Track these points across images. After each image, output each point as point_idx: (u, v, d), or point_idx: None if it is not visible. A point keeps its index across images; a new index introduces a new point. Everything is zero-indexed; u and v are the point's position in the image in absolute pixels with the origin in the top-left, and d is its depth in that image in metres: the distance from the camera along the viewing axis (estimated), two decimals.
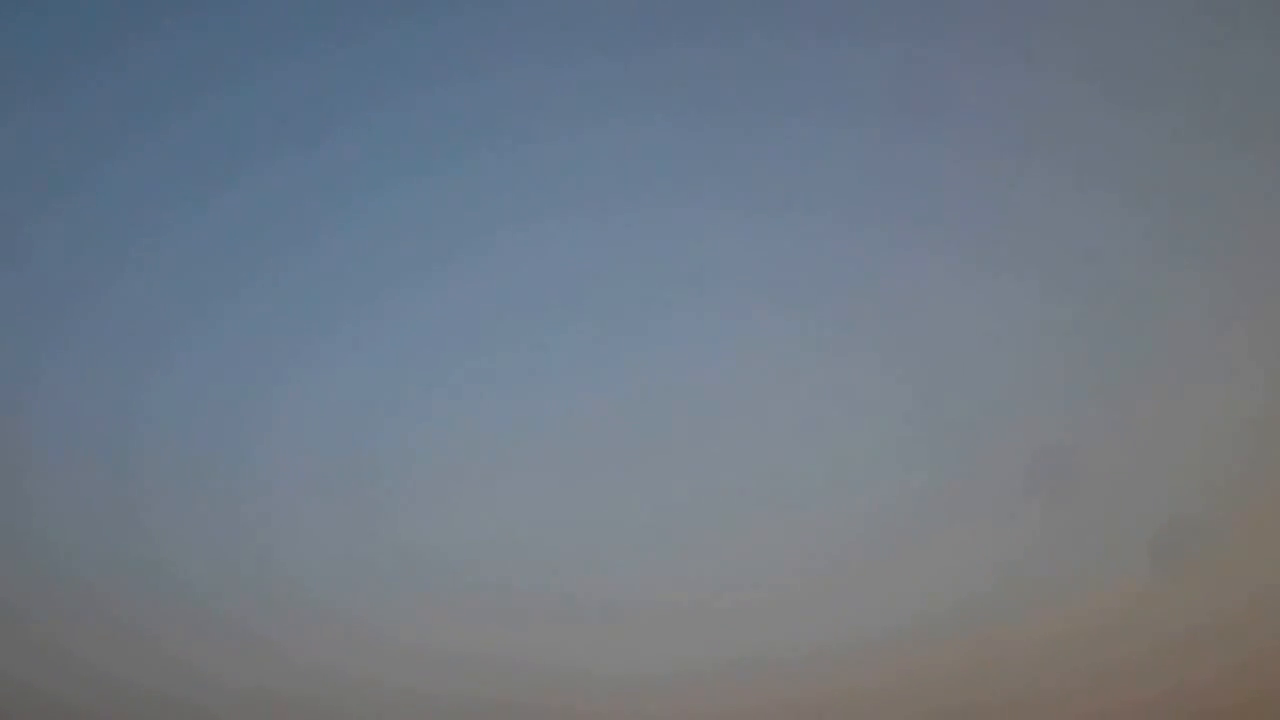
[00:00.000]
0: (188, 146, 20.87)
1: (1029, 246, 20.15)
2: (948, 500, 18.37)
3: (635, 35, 20.89)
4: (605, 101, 20.79)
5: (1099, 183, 19.85)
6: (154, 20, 21.10)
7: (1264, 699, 16.90)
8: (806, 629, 17.68)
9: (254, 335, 20.18)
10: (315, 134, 20.91)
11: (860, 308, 19.90)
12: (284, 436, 19.31)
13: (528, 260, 20.64)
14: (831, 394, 19.34)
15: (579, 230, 20.59)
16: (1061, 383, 19.35)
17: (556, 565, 18.38)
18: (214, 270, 20.47)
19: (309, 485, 19.02)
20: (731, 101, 20.58)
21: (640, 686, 17.62)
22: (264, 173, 20.74)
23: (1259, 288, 18.91)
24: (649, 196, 20.57)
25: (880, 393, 19.23)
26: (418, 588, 18.46)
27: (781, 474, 18.85)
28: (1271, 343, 18.52)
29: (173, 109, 20.94)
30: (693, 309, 20.05)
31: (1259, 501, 17.66)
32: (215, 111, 20.88)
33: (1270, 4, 19.38)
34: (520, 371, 19.98)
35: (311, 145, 20.94)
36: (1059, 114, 20.41)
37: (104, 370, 19.82)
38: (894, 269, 20.05)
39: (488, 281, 20.57)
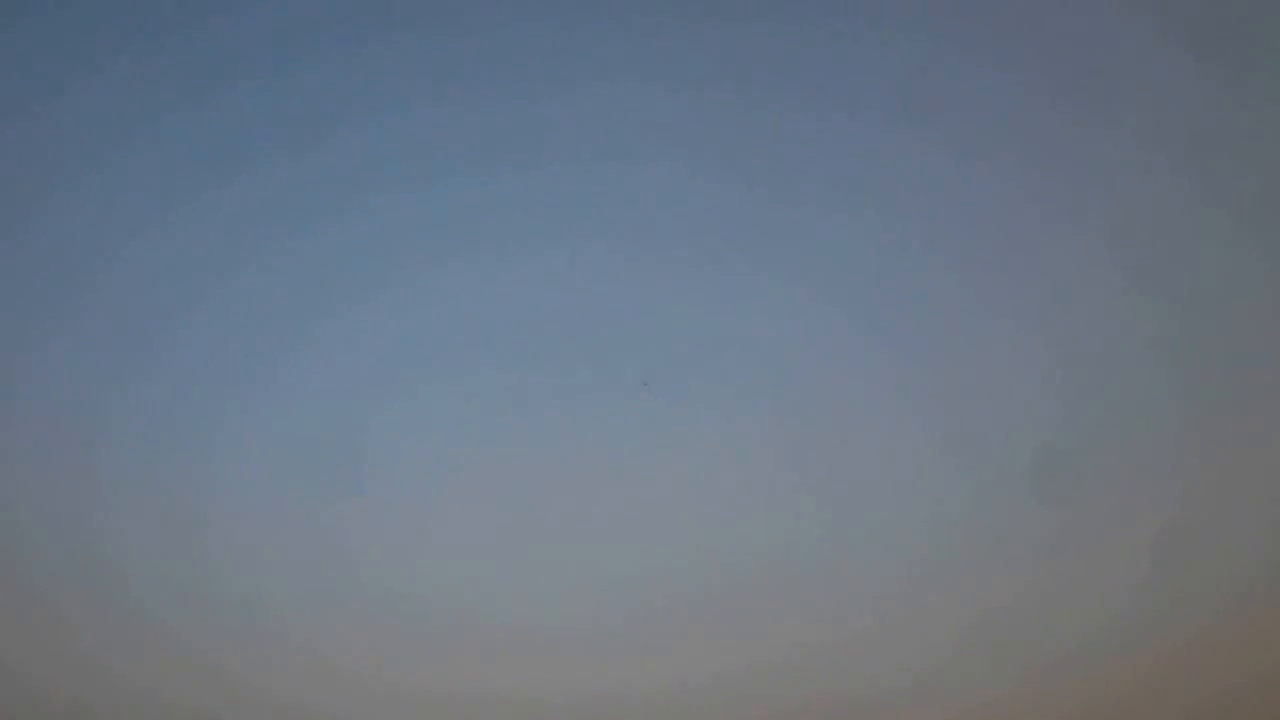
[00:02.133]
0: (161, 160, 20.82)
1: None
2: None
3: (595, 73, 20.94)
4: (562, 139, 20.76)
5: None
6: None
7: None
8: (767, 660, 17.41)
9: (212, 360, 19.89)
10: (288, 153, 20.77)
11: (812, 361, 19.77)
12: (244, 460, 18.97)
13: (500, 291, 20.37)
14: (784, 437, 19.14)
15: (555, 265, 20.38)
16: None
17: (515, 600, 18.07)
18: (170, 293, 20.19)
19: (268, 510, 18.67)
20: (705, 148, 20.58)
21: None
22: (236, 185, 20.59)
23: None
24: (629, 236, 20.51)
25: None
26: (374, 619, 18.05)
27: (742, 510, 18.62)
28: None
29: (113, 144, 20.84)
30: (662, 352, 19.80)
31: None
32: (174, 132, 20.78)
33: None
34: (488, 404, 19.64)
35: (286, 161, 20.81)
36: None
37: (71, 380, 19.59)
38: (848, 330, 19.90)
39: (457, 311, 20.31)
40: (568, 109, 20.37)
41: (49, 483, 18.51)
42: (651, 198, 20.05)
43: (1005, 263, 19.06)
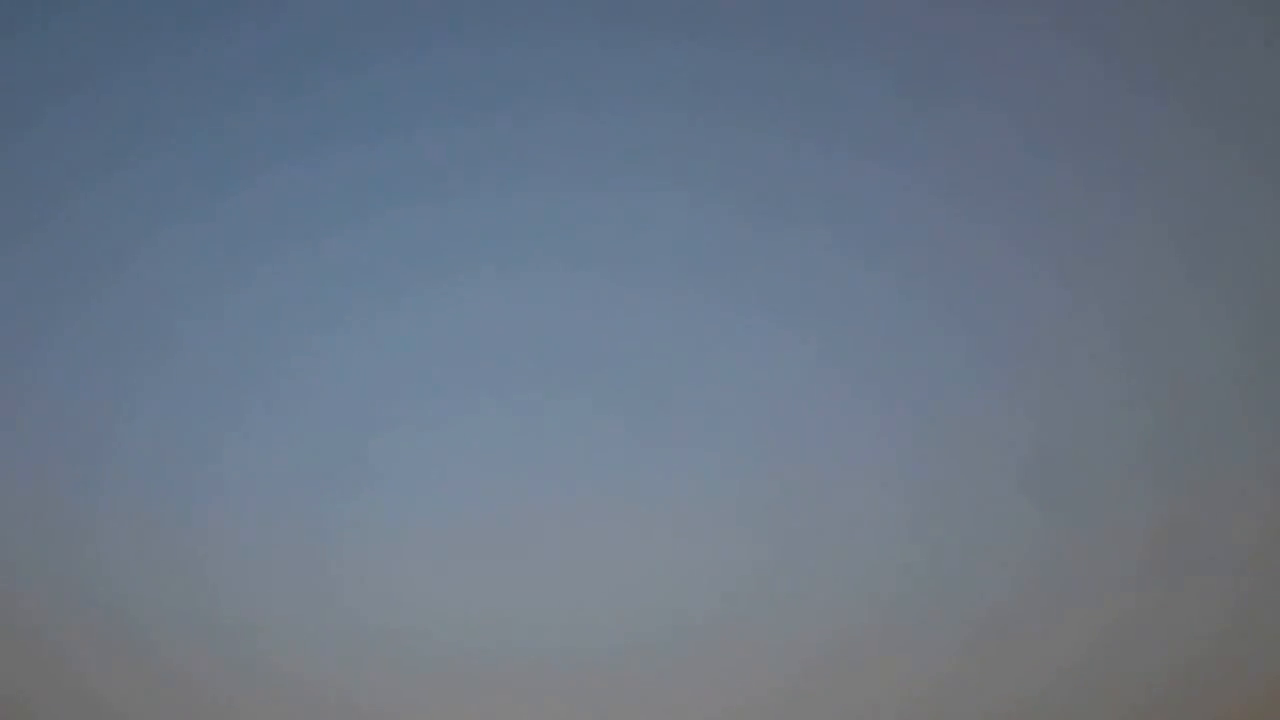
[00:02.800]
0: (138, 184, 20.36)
1: None
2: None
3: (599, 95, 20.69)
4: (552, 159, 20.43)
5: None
6: None
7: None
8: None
9: (210, 378, 19.55)
10: (291, 166, 20.38)
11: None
12: (235, 491, 18.60)
13: (505, 323, 19.94)
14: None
15: (555, 291, 20.03)
16: None
17: (503, 642, 17.77)
18: (169, 306, 19.78)
19: (257, 542, 18.31)
20: (709, 174, 20.27)
21: None
22: (235, 199, 20.20)
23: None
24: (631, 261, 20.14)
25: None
26: (361, 658, 17.70)
27: (728, 547, 18.35)
28: None
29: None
30: (659, 383, 19.44)
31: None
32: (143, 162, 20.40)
33: None
34: (482, 443, 19.27)
35: (290, 173, 20.41)
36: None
37: (68, 393, 19.18)
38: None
39: (452, 342, 19.90)
40: (564, 130, 20.12)
41: (42, 498, 18.18)
42: (650, 223, 19.81)
43: (992, 304, 18.88)
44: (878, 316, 18.97)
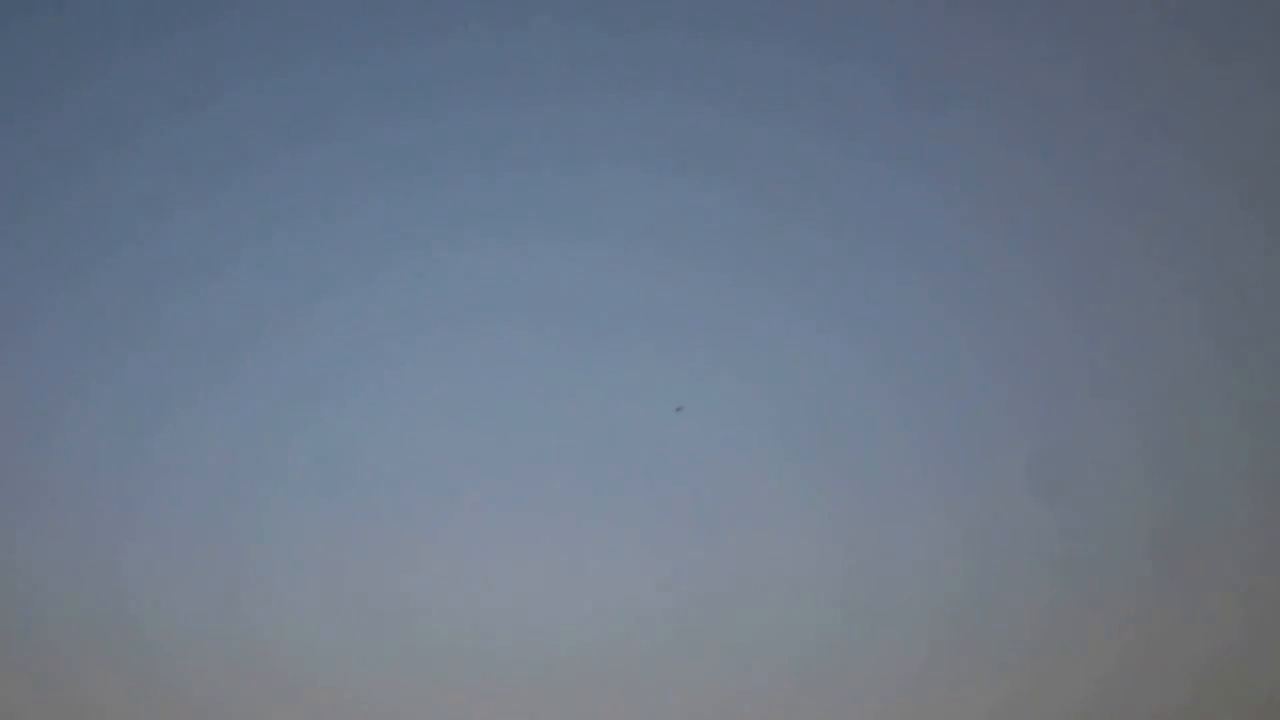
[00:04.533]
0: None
1: None
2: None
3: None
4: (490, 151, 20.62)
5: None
6: None
7: None
8: None
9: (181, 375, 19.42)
10: (279, 154, 20.61)
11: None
12: (149, 508, 18.60)
13: (491, 283, 19.83)
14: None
15: (545, 263, 19.99)
16: None
17: (487, 657, 17.37)
18: (155, 288, 19.76)
19: (170, 559, 18.31)
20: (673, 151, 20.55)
21: None
22: (158, 233, 20.30)
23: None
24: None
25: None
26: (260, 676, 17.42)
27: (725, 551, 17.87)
28: None
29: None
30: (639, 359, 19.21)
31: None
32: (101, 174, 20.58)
33: None
34: (485, 447, 18.97)
35: (278, 162, 20.67)
36: None
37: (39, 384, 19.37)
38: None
39: (452, 299, 19.77)
40: (566, 116, 20.21)
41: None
42: (646, 202, 19.85)
43: (992, 300, 18.87)
44: (880, 309, 19.02)
